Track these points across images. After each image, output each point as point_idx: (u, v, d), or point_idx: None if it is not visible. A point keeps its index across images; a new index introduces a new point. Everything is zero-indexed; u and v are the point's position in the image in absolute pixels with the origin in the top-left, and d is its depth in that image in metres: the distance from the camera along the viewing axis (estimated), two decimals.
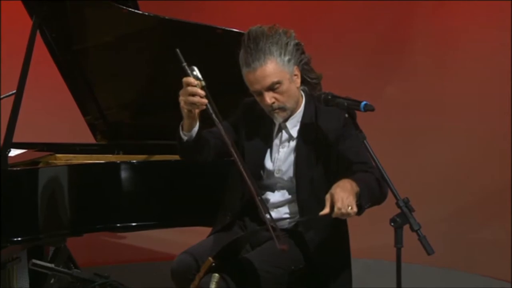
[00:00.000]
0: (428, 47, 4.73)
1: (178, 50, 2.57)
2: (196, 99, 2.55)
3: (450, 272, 3.92)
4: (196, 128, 2.65)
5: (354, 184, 2.49)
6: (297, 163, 2.76)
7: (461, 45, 4.56)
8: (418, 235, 2.35)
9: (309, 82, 2.81)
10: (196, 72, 2.57)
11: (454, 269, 4.00)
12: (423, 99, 4.75)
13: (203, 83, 2.56)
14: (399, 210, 2.38)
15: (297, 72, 2.73)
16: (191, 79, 2.56)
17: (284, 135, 2.80)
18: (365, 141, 2.51)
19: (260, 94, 2.69)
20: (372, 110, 2.49)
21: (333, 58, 4.72)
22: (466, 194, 4.53)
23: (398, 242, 2.38)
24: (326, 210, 2.44)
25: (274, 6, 4.73)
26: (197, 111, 2.60)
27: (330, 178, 2.66)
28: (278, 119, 2.75)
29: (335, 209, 2.42)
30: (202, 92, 2.55)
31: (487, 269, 4.18)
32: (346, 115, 2.56)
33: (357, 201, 2.46)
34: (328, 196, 2.45)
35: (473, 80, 4.49)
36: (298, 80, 2.75)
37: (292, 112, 2.75)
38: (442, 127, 4.72)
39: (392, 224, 2.38)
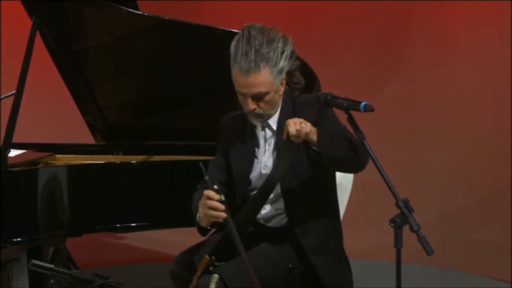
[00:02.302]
0: (428, 47, 4.72)
1: (201, 164, 2.58)
2: (216, 213, 2.58)
3: (450, 272, 3.92)
4: None
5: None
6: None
7: (461, 45, 4.56)
8: (418, 235, 2.35)
9: (289, 85, 2.81)
10: (217, 186, 2.59)
11: (454, 269, 4.00)
12: (423, 99, 4.75)
13: (223, 197, 2.58)
14: (398, 211, 2.38)
15: (284, 80, 2.73)
16: (212, 193, 2.57)
17: (268, 132, 2.80)
18: (364, 141, 2.51)
19: (244, 96, 2.69)
20: (372, 110, 2.49)
21: (333, 58, 4.72)
22: (466, 194, 4.53)
23: (398, 242, 2.38)
24: (284, 137, 2.53)
25: (274, 6, 4.73)
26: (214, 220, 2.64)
27: (314, 165, 2.68)
28: (254, 121, 2.77)
29: (288, 127, 2.51)
30: (222, 207, 2.57)
31: (487, 269, 4.18)
32: (346, 116, 2.57)
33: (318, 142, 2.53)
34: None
35: (473, 80, 4.49)
36: (283, 88, 2.75)
37: (269, 117, 2.77)
38: (442, 127, 4.72)
39: (392, 224, 2.38)
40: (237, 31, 3.22)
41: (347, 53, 4.79)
